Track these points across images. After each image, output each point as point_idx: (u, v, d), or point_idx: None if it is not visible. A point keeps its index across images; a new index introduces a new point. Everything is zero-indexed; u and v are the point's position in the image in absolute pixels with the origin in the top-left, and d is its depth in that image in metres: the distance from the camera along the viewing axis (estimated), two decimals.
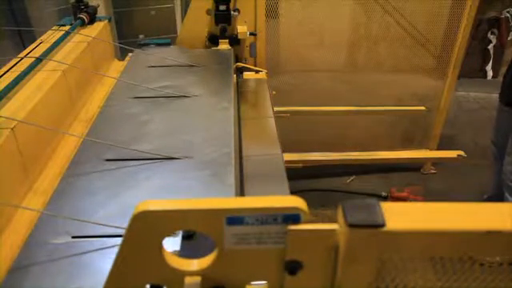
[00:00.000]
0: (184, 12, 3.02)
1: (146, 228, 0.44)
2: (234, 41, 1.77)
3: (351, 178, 2.55)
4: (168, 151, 0.98)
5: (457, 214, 0.43)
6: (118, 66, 1.64)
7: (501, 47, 3.65)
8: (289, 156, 2.28)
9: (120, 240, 0.45)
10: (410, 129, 2.52)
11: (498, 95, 2.00)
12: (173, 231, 0.45)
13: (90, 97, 1.38)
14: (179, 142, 1.03)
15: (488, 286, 0.46)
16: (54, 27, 1.52)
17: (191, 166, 0.94)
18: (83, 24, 1.58)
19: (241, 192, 0.98)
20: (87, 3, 1.63)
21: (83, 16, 1.58)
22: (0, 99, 0.99)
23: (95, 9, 1.65)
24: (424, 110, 2.42)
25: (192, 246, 0.70)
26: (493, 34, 3.61)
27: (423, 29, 2.22)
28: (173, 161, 0.96)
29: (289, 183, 1.02)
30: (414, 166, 2.60)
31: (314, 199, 2.30)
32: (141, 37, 2.00)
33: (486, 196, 2.20)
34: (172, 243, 0.70)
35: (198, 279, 0.48)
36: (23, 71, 1.10)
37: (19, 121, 0.92)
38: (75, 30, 1.49)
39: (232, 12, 1.74)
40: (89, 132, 1.09)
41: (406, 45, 2.26)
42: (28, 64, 1.15)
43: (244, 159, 1.11)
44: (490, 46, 3.66)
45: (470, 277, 0.45)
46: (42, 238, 0.75)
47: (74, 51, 1.36)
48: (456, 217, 0.42)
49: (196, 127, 1.10)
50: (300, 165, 2.35)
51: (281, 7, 2.08)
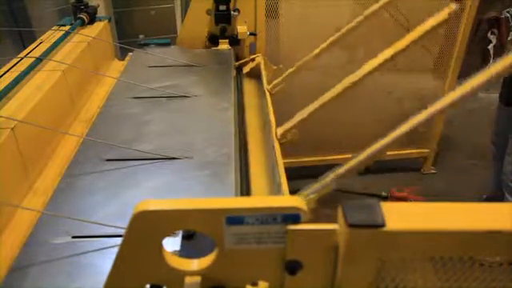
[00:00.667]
0: (184, 12, 3.01)
1: (146, 228, 0.44)
2: (234, 41, 1.77)
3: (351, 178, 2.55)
4: (168, 151, 0.98)
5: (457, 213, 0.42)
6: (118, 66, 1.64)
7: (501, 47, 3.65)
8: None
9: (120, 240, 0.45)
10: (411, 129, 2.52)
11: (497, 95, 2.00)
12: (173, 231, 0.45)
13: (89, 97, 1.38)
14: (179, 142, 1.03)
15: (488, 286, 0.46)
16: (54, 27, 1.52)
17: (191, 166, 0.94)
18: (83, 24, 1.58)
19: (246, 187, 0.99)
20: (87, 3, 1.62)
21: (83, 16, 1.57)
22: (0, 99, 0.99)
23: (95, 9, 1.65)
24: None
25: (192, 245, 0.70)
26: (493, 33, 3.60)
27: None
28: (173, 161, 0.96)
29: (289, 183, 1.02)
30: (414, 166, 2.60)
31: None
32: (141, 37, 2.00)
33: (485, 196, 2.20)
34: (172, 243, 0.70)
35: (197, 279, 0.48)
36: (23, 71, 1.10)
37: (19, 121, 0.92)
38: (75, 30, 1.49)
39: (232, 12, 1.74)
40: (89, 132, 1.09)
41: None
42: (28, 64, 1.15)
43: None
44: (490, 46, 3.65)
45: (470, 277, 0.45)
46: (42, 237, 0.75)
47: (74, 51, 1.36)
48: (456, 217, 0.42)
49: (196, 127, 1.10)
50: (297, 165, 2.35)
51: (281, 7, 2.08)
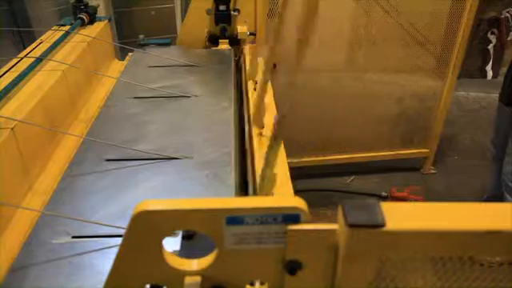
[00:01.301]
0: (184, 12, 3.01)
1: (146, 228, 0.44)
2: (234, 41, 1.77)
3: (351, 178, 2.55)
4: (168, 151, 0.98)
5: (457, 214, 0.43)
6: (118, 66, 1.64)
7: (501, 47, 3.65)
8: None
9: (120, 240, 0.45)
10: (410, 129, 2.52)
11: (497, 95, 2.00)
12: (173, 231, 0.45)
13: (90, 97, 1.38)
14: (179, 142, 1.03)
15: (488, 286, 0.46)
16: (54, 27, 1.52)
17: (191, 166, 0.94)
18: (83, 24, 1.58)
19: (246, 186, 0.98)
20: (87, 3, 1.63)
21: (83, 16, 1.57)
22: (0, 99, 0.99)
23: (95, 9, 1.65)
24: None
25: (192, 245, 0.70)
26: (493, 34, 3.60)
27: (423, 29, 2.22)
28: (173, 161, 0.96)
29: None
30: (413, 166, 2.60)
31: (314, 199, 2.30)
32: (141, 37, 2.00)
33: (485, 196, 2.20)
34: (172, 243, 0.70)
35: (197, 279, 0.48)
36: (23, 71, 1.10)
37: (19, 121, 0.92)
38: (75, 30, 1.49)
39: (232, 12, 1.74)
40: (89, 132, 1.09)
41: (406, 45, 2.26)
42: (28, 64, 1.15)
43: None
44: (490, 46, 3.65)
45: (470, 277, 0.45)
46: (42, 238, 0.75)
47: (74, 51, 1.36)
48: (456, 217, 0.42)
49: (196, 127, 1.10)
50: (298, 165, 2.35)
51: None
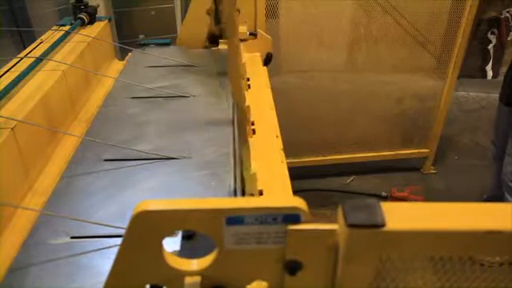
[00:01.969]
0: (184, 12, 3.01)
1: (146, 228, 0.44)
2: None
3: (351, 178, 2.55)
4: (167, 151, 0.98)
5: (457, 214, 0.42)
6: (118, 66, 1.64)
7: (501, 47, 3.65)
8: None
9: (119, 240, 0.45)
10: (410, 129, 2.52)
11: (497, 95, 2.00)
12: (173, 231, 0.45)
13: (89, 97, 1.38)
14: (178, 142, 1.03)
15: (488, 286, 0.46)
16: (54, 27, 1.52)
17: (190, 166, 0.94)
18: (83, 24, 1.58)
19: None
20: (87, 3, 1.62)
21: (83, 16, 1.57)
22: (0, 99, 0.99)
23: (95, 9, 1.65)
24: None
25: (192, 245, 0.70)
26: (493, 34, 3.61)
27: (423, 29, 2.22)
28: (172, 161, 0.96)
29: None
30: (413, 166, 2.60)
31: (314, 199, 2.30)
32: (141, 37, 2.00)
33: (485, 196, 2.20)
34: (172, 243, 0.70)
35: (197, 279, 0.48)
36: (23, 71, 1.10)
37: (19, 121, 0.92)
38: (75, 30, 1.49)
39: None
40: (87, 132, 1.09)
41: (406, 45, 2.26)
42: (28, 64, 1.15)
43: None
44: (490, 46, 3.66)
45: (470, 277, 0.45)
46: (41, 238, 0.75)
47: (74, 51, 1.36)
48: (456, 217, 0.42)
49: (195, 127, 1.10)
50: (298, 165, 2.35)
51: (281, 7, 2.08)
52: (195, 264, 0.48)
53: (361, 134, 2.47)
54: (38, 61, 1.18)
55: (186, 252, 0.68)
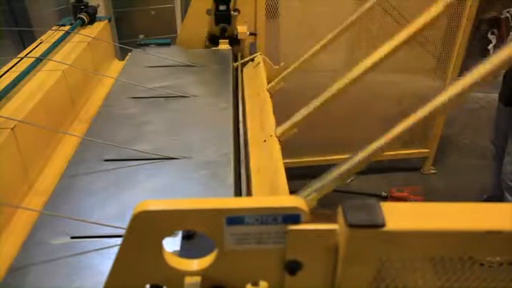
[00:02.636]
0: (184, 12, 3.01)
1: (146, 228, 0.44)
2: (234, 41, 1.77)
3: (351, 178, 2.55)
4: (167, 151, 0.98)
5: (457, 214, 0.42)
6: (118, 66, 1.64)
7: (501, 47, 3.64)
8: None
9: (119, 240, 0.45)
10: (410, 129, 2.52)
11: (497, 95, 2.00)
12: (173, 231, 0.45)
13: (90, 97, 1.38)
14: (178, 142, 1.03)
15: (488, 285, 0.46)
16: (54, 27, 1.52)
17: (190, 166, 0.94)
18: (83, 24, 1.58)
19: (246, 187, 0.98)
20: (87, 3, 1.62)
21: (83, 16, 1.57)
22: (0, 99, 0.99)
23: (95, 9, 1.65)
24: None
25: (192, 245, 0.70)
26: (493, 34, 3.60)
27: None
28: (172, 161, 0.96)
29: (289, 183, 1.02)
30: (413, 166, 2.60)
31: None
32: (141, 37, 2.00)
33: (485, 196, 2.20)
34: (172, 243, 0.70)
35: (197, 279, 0.48)
36: (23, 71, 1.10)
37: (19, 121, 0.92)
38: (75, 30, 1.49)
39: (232, 12, 1.74)
40: (87, 132, 1.09)
41: (406, 45, 2.26)
42: (28, 64, 1.15)
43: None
44: (490, 46, 3.65)
45: (470, 277, 0.45)
46: (41, 238, 0.75)
47: (74, 51, 1.36)
48: (456, 217, 0.42)
49: (195, 127, 1.10)
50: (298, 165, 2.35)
51: (281, 7, 2.08)
52: (195, 264, 0.48)
53: (361, 133, 2.47)
54: (38, 61, 1.18)
55: (186, 252, 0.68)
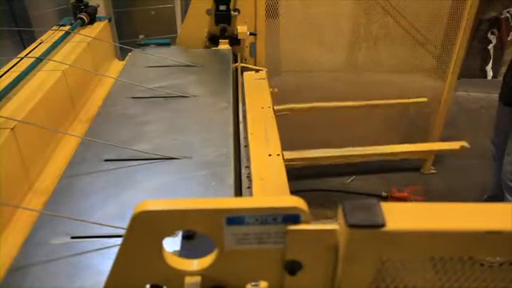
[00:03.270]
0: (184, 12, 3.02)
1: (146, 228, 0.44)
2: (234, 41, 1.77)
3: (351, 178, 2.55)
4: (167, 151, 0.98)
5: (457, 214, 0.42)
6: (118, 66, 1.64)
7: (501, 47, 3.64)
8: (288, 154, 2.28)
9: (120, 240, 0.45)
10: (410, 129, 2.52)
11: (497, 95, 2.00)
12: (173, 231, 0.45)
13: (90, 97, 1.38)
14: (178, 142, 1.03)
15: (488, 285, 0.46)
16: (54, 27, 1.52)
17: (190, 166, 0.94)
18: (83, 24, 1.58)
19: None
20: (87, 3, 1.63)
21: (83, 16, 1.57)
22: (0, 99, 0.99)
23: (95, 9, 1.65)
24: (425, 102, 2.42)
25: (192, 245, 0.70)
26: (493, 34, 3.60)
27: (423, 29, 2.22)
28: (172, 161, 0.96)
29: (289, 183, 1.02)
30: (413, 166, 2.60)
31: (314, 199, 2.30)
32: (141, 37, 2.00)
33: (486, 196, 2.20)
34: (172, 243, 0.70)
35: (198, 279, 0.48)
36: (23, 71, 1.10)
37: (19, 121, 0.92)
38: (75, 30, 1.49)
39: (232, 12, 1.74)
40: (87, 132, 1.09)
41: (406, 45, 2.26)
42: (28, 64, 1.15)
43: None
44: (490, 46, 3.65)
45: (470, 277, 0.45)
46: (42, 238, 0.75)
47: (74, 51, 1.36)
48: (456, 217, 0.42)
49: (195, 127, 1.10)
50: (299, 162, 2.34)
51: (281, 7, 2.08)
52: (195, 264, 0.48)
53: (361, 133, 2.47)
54: (38, 61, 1.18)
55: (186, 252, 0.68)
